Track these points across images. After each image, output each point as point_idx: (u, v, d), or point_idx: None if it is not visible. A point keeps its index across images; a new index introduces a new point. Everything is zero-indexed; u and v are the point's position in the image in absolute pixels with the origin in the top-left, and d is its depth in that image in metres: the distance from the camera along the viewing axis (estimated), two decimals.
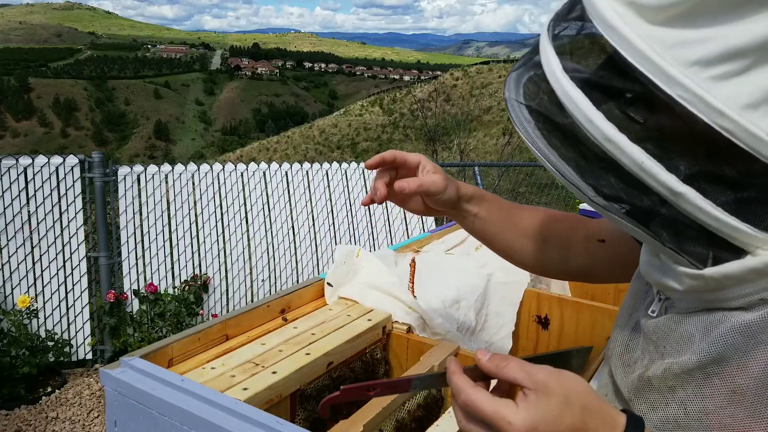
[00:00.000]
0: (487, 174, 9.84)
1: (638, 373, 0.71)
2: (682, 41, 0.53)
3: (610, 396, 0.77)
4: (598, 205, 0.61)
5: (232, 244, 4.21)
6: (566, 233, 1.07)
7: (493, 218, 1.07)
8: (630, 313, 0.79)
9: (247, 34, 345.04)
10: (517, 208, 1.11)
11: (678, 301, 0.67)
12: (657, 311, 0.70)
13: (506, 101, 0.69)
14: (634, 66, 0.55)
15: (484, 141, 35.71)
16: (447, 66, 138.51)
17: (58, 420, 3.13)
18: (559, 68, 0.61)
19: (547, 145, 0.63)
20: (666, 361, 0.66)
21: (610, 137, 0.57)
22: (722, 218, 0.55)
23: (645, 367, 0.70)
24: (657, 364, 0.67)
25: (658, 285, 0.69)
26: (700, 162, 0.56)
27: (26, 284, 3.55)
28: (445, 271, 1.63)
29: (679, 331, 0.66)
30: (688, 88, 0.53)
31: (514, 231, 1.08)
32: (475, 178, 7.55)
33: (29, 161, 3.55)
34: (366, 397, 0.73)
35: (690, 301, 0.65)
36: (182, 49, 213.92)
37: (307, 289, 1.40)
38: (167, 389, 0.91)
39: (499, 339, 1.62)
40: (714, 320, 0.62)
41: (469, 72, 62.05)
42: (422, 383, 0.71)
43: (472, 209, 1.06)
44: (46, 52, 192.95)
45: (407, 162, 1.02)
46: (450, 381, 0.63)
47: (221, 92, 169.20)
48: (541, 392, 0.56)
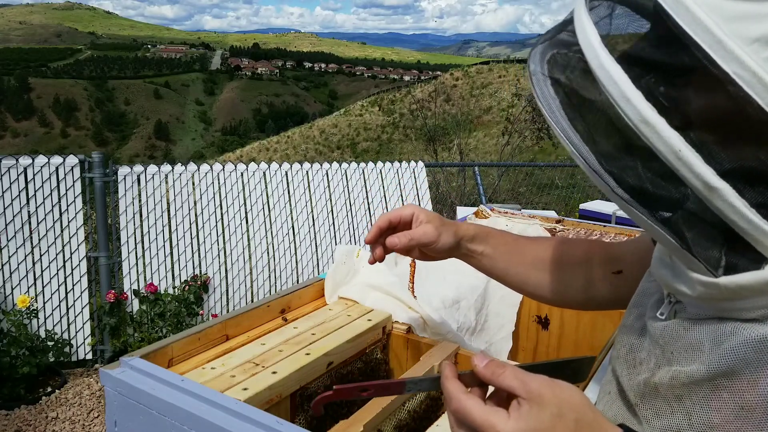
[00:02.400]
0: (487, 174, 9.83)
1: (644, 377, 0.68)
2: (745, 15, 0.49)
3: (613, 395, 0.75)
4: (618, 197, 0.57)
5: (232, 244, 4.21)
6: (583, 256, 1.03)
7: (500, 254, 1.05)
8: (637, 313, 0.77)
9: (247, 34, 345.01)
10: (525, 240, 1.08)
11: (688, 306, 0.65)
12: (666, 314, 0.68)
13: (530, 75, 0.63)
14: (688, 35, 0.50)
15: (484, 141, 35.71)
16: (447, 66, 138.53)
17: (58, 420, 3.13)
18: (597, 38, 0.55)
19: (571, 126, 0.59)
20: (673, 368, 0.64)
21: (647, 119, 0.52)
22: (755, 221, 0.51)
23: (651, 372, 0.67)
24: (664, 369, 0.65)
25: (669, 288, 0.66)
26: (744, 155, 0.51)
27: (26, 284, 3.55)
28: (445, 271, 1.63)
29: (687, 337, 0.63)
30: (747, 66, 0.48)
31: (524, 264, 1.05)
32: (476, 178, 7.55)
33: (29, 161, 3.55)
34: (359, 397, 0.72)
35: (701, 308, 0.62)
36: (182, 49, 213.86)
37: (307, 289, 1.40)
38: (167, 389, 0.91)
39: (499, 339, 1.62)
40: (726, 331, 0.59)
41: (469, 72, 62.07)
42: (416, 386, 0.70)
43: (476, 248, 1.05)
44: (46, 52, 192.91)
45: (402, 218, 1.04)
46: (443, 386, 0.62)
47: (221, 92, 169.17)
48: (535, 403, 0.55)
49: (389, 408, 1.05)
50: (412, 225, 1.03)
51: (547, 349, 1.69)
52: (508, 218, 1.91)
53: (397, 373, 1.35)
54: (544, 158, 20.25)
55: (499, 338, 1.62)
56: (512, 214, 2.07)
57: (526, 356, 1.73)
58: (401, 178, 5.16)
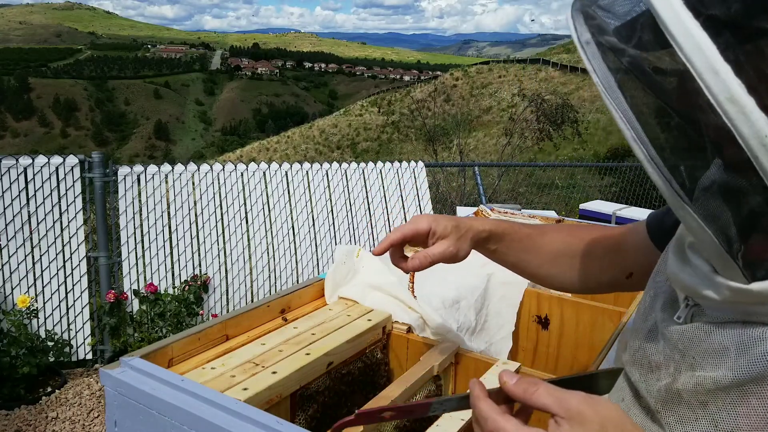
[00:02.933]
0: (487, 174, 9.84)
1: (665, 382, 0.66)
2: None
3: (629, 401, 0.73)
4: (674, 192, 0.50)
5: (232, 244, 4.21)
6: (602, 240, 1.02)
7: (514, 251, 1.05)
8: (647, 314, 0.74)
9: (247, 34, 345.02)
10: (538, 233, 1.07)
11: (708, 309, 0.62)
12: (683, 318, 0.65)
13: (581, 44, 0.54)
14: None
15: (484, 141, 35.71)
16: (447, 66, 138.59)
17: (58, 420, 3.13)
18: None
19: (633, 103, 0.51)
20: (697, 374, 0.61)
21: (735, 97, 0.44)
22: None
23: (672, 377, 0.65)
24: (686, 375, 0.63)
25: (688, 291, 0.63)
26: None
27: (26, 284, 3.55)
28: (445, 271, 1.63)
29: (709, 342, 0.61)
30: None
31: (542, 256, 1.05)
32: (476, 178, 7.55)
33: (29, 161, 3.55)
34: (381, 421, 0.70)
35: (723, 311, 0.60)
36: (182, 49, 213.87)
37: (307, 289, 1.40)
38: (167, 389, 0.91)
39: (499, 339, 1.62)
40: (754, 336, 0.56)
41: (469, 72, 62.05)
42: (442, 406, 0.68)
43: (490, 247, 1.05)
44: (46, 52, 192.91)
45: (417, 233, 1.02)
46: (475, 406, 0.59)
47: (221, 92, 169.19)
48: (575, 421, 0.53)
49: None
50: (428, 240, 1.02)
51: (547, 349, 1.69)
52: (508, 218, 1.91)
53: (397, 373, 1.35)
54: (544, 158, 20.25)
55: (499, 338, 1.62)
56: (512, 214, 2.07)
57: (526, 356, 1.73)
58: (401, 178, 5.16)
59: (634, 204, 7.91)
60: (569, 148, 26.80)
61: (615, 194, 8.82)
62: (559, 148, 20.47)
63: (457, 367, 1.26)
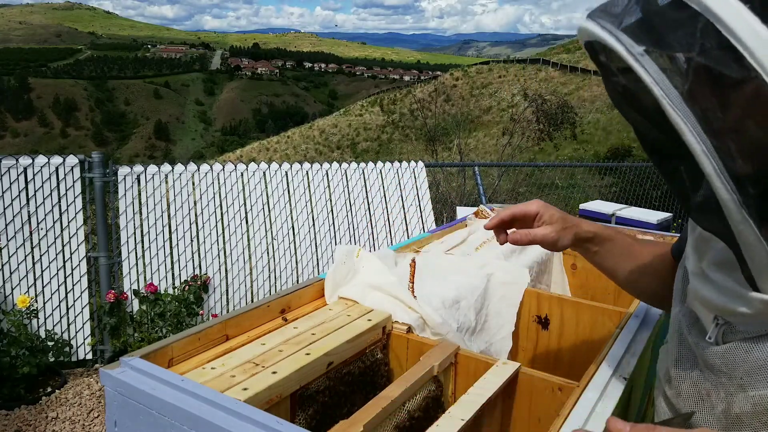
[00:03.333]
0: (487, 174, 9.84)
1: (721, 408, 0.64)
2: None
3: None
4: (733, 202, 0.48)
5: (232, 244, 4.21)
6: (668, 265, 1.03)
7: (613, 256, 1.08)
8: (679, 342, 0.73)
9: (247, 34, 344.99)
10: (638, 245, 1.10)
11: (741, 326, 0.61)
12: (713, 337, 0.64)
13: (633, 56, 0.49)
14: None
15: (484, 141, 35.69)
16: (447, 66, 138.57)
17: (58, 420, 3.13)
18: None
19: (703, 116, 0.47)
20: (750, 394, 0.60)
21: None
22: None
23: (726, 402, 0.63)
24: (739, 397, 0.61)
25: (718, 310, 0.62)
26: None
27: (26, 284, 3.54)
28: (445, 271, 1.63)
29: (752, 359, 0.59)
30: None
31: (635, 268, 1.07)
32: (476, 178, 7.55)
33: (29, 161, 3.55)
34: None
35: (756, 325, 0.59)
36: (182, 49, 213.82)
37: (307, 289, 1.40)
38: (167, 389, 0.91)
39: (499, 339, 1.62)
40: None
41: (469, 72, 62.03)
42: None
43: (591, 248, 1.08)
44: (46, 52, 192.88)
45: (527, 214, 1.06)
46: None
47: (221, 92, 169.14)
48: None
49: (389, 408, 1.05)
50: (534, 223, 1.06)
51: (547, 349, 1.69)
52: None
53: (397, 373, 1.35)
54: (544, 158, 20.25)
55: (499, 338, 1.62)
56: None
57: (526, 356, 1.73)
58: (401, 178, 5.16)
59: (634, 204, 7.91)
60: (569, 148, 26.82)
61: (615, 194, 8.82)
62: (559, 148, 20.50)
63: (457, 367, 1.26)
